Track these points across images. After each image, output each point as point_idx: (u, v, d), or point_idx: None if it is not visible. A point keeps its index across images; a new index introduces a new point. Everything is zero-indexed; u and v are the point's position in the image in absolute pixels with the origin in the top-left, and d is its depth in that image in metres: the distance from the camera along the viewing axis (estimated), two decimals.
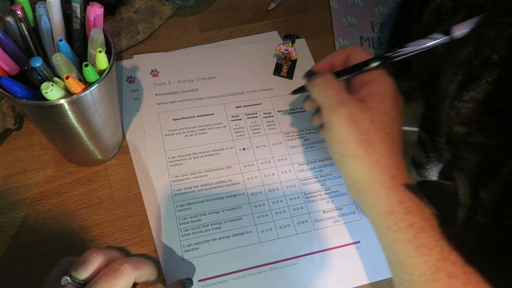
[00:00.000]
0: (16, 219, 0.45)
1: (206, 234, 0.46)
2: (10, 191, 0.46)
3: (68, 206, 0.46)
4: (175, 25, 0.62)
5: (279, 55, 0.59)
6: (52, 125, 0.40)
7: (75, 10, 0.38)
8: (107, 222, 0.46)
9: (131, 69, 0.57)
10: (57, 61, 0.34)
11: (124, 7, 0.59)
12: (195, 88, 0.56)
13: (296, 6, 0.68)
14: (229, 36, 0.62)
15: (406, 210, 0.32)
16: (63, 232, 0.44)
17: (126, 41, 0.58)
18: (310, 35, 0.64)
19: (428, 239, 0.31)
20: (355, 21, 0.66)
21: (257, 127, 0.54)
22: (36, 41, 0.39)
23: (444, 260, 0.30)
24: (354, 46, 0.41)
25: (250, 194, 0.49)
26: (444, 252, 0.30)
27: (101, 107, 0.40)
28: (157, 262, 0.44)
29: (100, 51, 0.37)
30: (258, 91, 0.57)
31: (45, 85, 0.34)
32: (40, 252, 0.43)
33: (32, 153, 0.49)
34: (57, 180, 0.47)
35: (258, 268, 0.45)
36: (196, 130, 0.53)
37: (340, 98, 0.35)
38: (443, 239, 0.31)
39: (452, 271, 0.30)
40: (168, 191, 0.48)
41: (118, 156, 0.50)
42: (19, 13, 0.36)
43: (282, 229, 0.47)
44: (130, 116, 0.53)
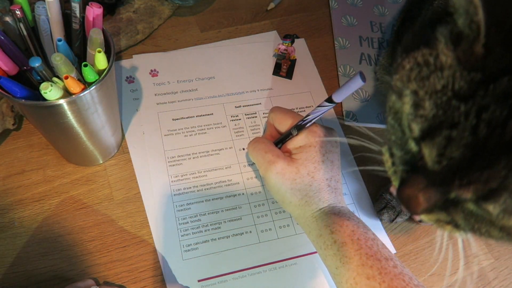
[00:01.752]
0: (16, 219, 0.45)
1: (206, 234, 0.46)
2: (10, 191, 0.46)
3: (68, 206, 0.46)
4: (174, 25, 0.62)
5: (279, 55, 0.59)
6: (51, 125, 0.40)
7: (74, 10, 0.38)
8: (106, 222, 0.45)
9: (131, 69, 0.57)
10: (56, 61, 0.34)
11: (124, 7, 0.59)
12: (195, 88, 0.56)
13: (295, 6, 0.68)
14: (228, 36, 0.62)
15: (331, 231, 0.38)
16: (63, 232, 0.44)
17: (125, 41, 0.58)
18: (310, 35, 0.64)
19: (349, 250, 0.37)
20: (355, 21, 0.66)
21: (257, 127, 0.54)
22: (35, 41, 0.39)
23: (363, 266, 0.36)
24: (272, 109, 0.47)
25: (250, 194, 0.49)
26: (362, 259, 0.36)
27: (100, 107, 0.40)
28: (156, 262, 0.44)
29: (99, 51, 0.37)
30: (257, 91, 0.57)
31: (44, 85, 0.34)
32: (40, 252, 0.43)
33: (32, 153, 0.49)
34: (56, 180, 0.47)
35: (257, 268, 0.45)
36: (195, 130, 0.53)
37: (267, 158, 0.42)
38: (362, 249, 0.36)
39: (370, 273, 0.35)
40: (168, 191, 0.48)
41: (118, 156, 0.50)
42: (18, 13, 0.36)
43: (281, 229, 0.47)
44: (130, 116, 0.53)
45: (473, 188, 0.22)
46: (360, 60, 0.62)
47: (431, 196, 0.24)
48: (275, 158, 0.41)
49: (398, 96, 0.27)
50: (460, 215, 0.25)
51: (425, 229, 0.50)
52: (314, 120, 0.41)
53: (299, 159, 0.41)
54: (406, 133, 0.27)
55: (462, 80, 0.22)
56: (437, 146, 0.23)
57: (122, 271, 0.43)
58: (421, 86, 0.24)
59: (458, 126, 0.22)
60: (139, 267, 0.44)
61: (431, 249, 0.48)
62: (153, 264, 0.44)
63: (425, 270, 0.47)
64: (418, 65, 0.25)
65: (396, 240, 0.49)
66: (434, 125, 0.23)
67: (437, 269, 0.47)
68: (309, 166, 0.41)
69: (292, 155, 0.42)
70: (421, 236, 0.49)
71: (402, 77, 0.26)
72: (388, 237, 0.49)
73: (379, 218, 0.50)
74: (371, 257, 0.36)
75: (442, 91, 0.23)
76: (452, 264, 0.46)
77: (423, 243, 0.49)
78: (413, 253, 0.48)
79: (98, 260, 0.43)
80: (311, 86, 0.59)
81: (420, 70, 0.25)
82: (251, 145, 0.44)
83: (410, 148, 0.27)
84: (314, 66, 0.61)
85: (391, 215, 0.49)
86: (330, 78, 0.60)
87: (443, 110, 0.23)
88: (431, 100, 0.23)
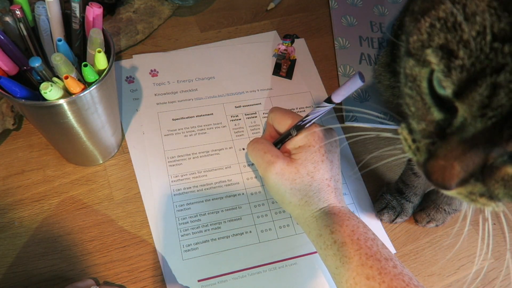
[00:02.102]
0: (16, 219, 0.45)
1: (206, 234, 0.46)
2: (10, 191, 0.46)
3: (68, 206, 0.46)
4: (174, 25, 0.62)
5: (279, 55, 0.59)
6: (51, 125, 0.40)
7: (74, 10, 0.38)
8: (106, 222, 0.45)
9: (131, 69, 0.57)
10: (56, 61, 0.34)
11: (123, 7, 0.59)
12: (195, 88, 0.56)
13: (295, 6, 0.68)
14: (228, 36, 0.62)
15: (330, 231, 0.38)
16: (63, 232, 0.44)
17: (125, 41, 0.58)
18: (310, 35, 0.64)
19: (349, 250, 0.37)
20: (355, 21, 0.66)
21: (257, 127, 0.54)
22: (35, 41, 0.39)
23: (363, 266, 0.36)
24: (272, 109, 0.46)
25: (250, 194, 0.49)
26: (362, 259, 0.36)
27: (100, 107, 0.40)
28: (156, 262, 0.44)
29: (99, 51, 0.37)
30: (257, 91, 0.57)
31: (44, 85, 0.34)
32: (40, 252, 0.43)
33: (31, 153, 0.49)
34: (56, 180, 0.47)
35: (257, 268, 0.45)
36: (195, 130, 0.53)
37: (267, 158, 0.42)
38: (362, 249, 0.36)
39: (369, 273, 0.35)
40: (168, 191, 0.48)
41: (118, 156, 0.50)
42: (18, 13, 0.36)
43: (281, 229, 0.47)
44: (130, 116, 0.53)
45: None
46: (360, 60, 0.62)
47: (469, 163, 0.22)
48: (274, 159, 0.41)
49: (417, 59, 0.24)
50: (500, 182, 0.23)
51: (425, 230, 0.50)
52: (313, 121, 0.41)
53: (298, 159, 0.41)
54: (427, 102, 0.25)
55: (502, 22, 0.20)
56: (480, 98, 0.21)
57: (122, 271, 0.43)
58: (452, 37, 0.22)
59: (505, 69, 0.20)
60: (139, 267, 0.44)
61: (431, 249, 0.48)
62: (153, 264, 0.44)
63: (425, 270, 0.47)
64: (440, 19, 0.23)
65: (396, 240, 0.49)
66: (475, 74, 0.21)
67: (437, 269, 0.47)
68: (309, 166, 0.41)
69: (291, 155, 0.42)
70: (421, 236, 0.49)
71: (422, 35, 0.24)
72: (388, 237, 0.49)
73: (379, 218, 0.50)
74: (370, 257, 0.36)
75: (478, 36, 0.21)
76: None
77: (423, 243, 0.49)
78: (413, 253, 0.48)
79: (98, 260, 0.43)
80: (311, 86, 0.59)
81: (446, 22, 0.23)
82: (250, 146, 0.44)
83: (433, 117, 0.25)
84: (314, 66, 0.61)
85: (391, 215, 0.49)
86: (330, 78, 0.60)
87: (484, 54, 0.20)
88: (467, 48, 0.21)
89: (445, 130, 0.24)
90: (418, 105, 0.26)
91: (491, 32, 0.20)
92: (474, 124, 0.22)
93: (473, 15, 0.21)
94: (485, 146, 0.22)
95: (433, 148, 0.25)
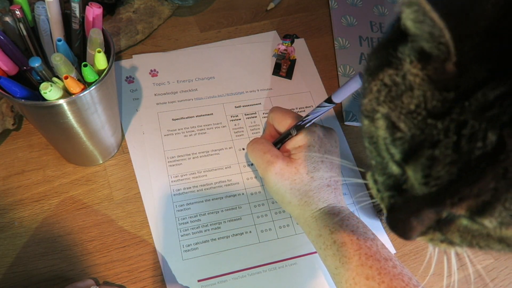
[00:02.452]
0: (16, 219, 0.45)
1: (206, 234, 0.46)
2: (10, 191, 0.46)
3: (67, 206, 0.46)
4: (174, 25, 0.62)
5: (278, 55, 0.59)
6: (51, 125, 0.40)
7: (74, 10, 0.38)
8: (106, 222, 0.45)
9: (130, 69, 0.57)
10: (56, 61, 0.34)
11: (123, 7, 0.59)
12: (194, 88, 0.56)
13: (295, 6, 0.68)
14: (228, 36, 0.62)
15: (330, 231, 0.38)
16: (63, 232, 0.44)
17: (125, 41, 0.58)
18: (309, 35, 0.64)
19: (348, 250, 0.37)
20: (354, 21, 0.66)
21: (257, 127, 0.54)
22: (35, 41, 0.39)
23: (362, 266, 0.36)
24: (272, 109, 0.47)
25: (250, 194, 0.49)
26: (361, 259, 0.36)
27: (100, 107, 0.40)
28: (156, 262, 0.44)
29: (99, 51, 0.37)
30: (257, 91, 0.57)
31: (44, 85, 0.34)
32: (40, 252, 0.43)
33: (31, 153, 0.49)
34: (56, 181, 0.47)
35: (257, 268, 0.45)
36: (195, 130, 0.53)
37: (266, 158, 0.42)
38: (361, 249, 0.36)
39: (369, 273, 0.35)
40: (168, 191, 0.48)
41: (118, 156, 0.50)
42: (17, 13, 0.36)
43: (281, 229, 0.47)
44: (129, 116, 0.53)
45: (466, 204, 0.21)
46: (360, 60, 0.62)
47: (424, 219, 0.23)
48: (274, 159, 0.41)
49: (370, 121, 0.25)
50: (456, 233, 0.24)
51: None
52: (313, 120, 0.40)
53: (298, 159, 0.41)
54: (385, 157, 0.25)
55: (434, 99, 0.21)
56: (422, 167, 0.22)
57: (122, 271, 0.43)
58: (393, 108, 0.23)
59: (439, 144, 0.21)
60: (139, 267, 0.44)
61: None
62: (153, 264, 0.44)
63: (425, 270, 0.47)
64: (386, 86, 0.24)
65: (396, 240, 0.49)
66: (415, 146, 0.22)
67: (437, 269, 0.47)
68: (309, 166, 0.41)
69: (291, 155, 0.42)
70: None
71: (371, 101, 0.25)
72: (388, 237, 0.49)
73: (379, 218, 0.50)
74: (370, 257, 0.36)
75: (415, 111, 0.22)
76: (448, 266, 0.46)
77: (423, 243, 0.49)
78: (413, 253, 0.48)
79: (98, 260, 0.43)
80: (311, 86, 0.59)
81: (389, 91, 0.24)
82: (250, 146, 0.44)
83: (392, 171, 0.26)
84: (314, 66, 0.61)
85: None
86: (330, 78, 0.60)
87: (420, 129, 0.22)
88: (406, 121, 0.22)
89: (402, 185, 0.25)
90: (377, 160, 0.27)
91: (425, 108, 0.21)
92: (420, 188, 0.23)
93: (411, 88, 0.22)
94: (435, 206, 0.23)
95: (393, 201, 0.26)
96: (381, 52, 0.25)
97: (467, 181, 0.20)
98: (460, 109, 0.20)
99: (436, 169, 0.21)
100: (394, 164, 0.25)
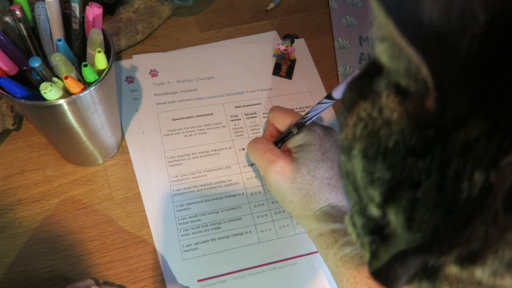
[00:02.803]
0: (16, 219, 0.45)
1: (206, 234, 0.46)
2: (10, 191, 0.46)
3: (67, 206, 0.46)
4: (174, 25, 0.62)
5: (278, 55, 0.59)
6: (51, 125, 0.40)
7: (74, 10, 0.38)
8: (106, 222, 0.45)
9: (130, 69, 0.57)
10: (56, 61, 0.34)
11: (123, 7, 0.59)
12: (194, 88, 0.56)
13: (295, 6, 0.68)
14: (228, 36, 0.62)
15: (331, 230, 0.38)
16: (63, 232, 0.44)
17: (125, 41, 0.58)
18: (309, 35, 0.64)
19: (350, 249, 0.36)
20: (354, 21, 0.66)
21: (257, 127, 0.54)
22: (35, 41, 0.39)
23: (363, 265, 0.35)
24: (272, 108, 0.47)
25: (250, 194, 0.49)
26: (362, 259, 0.35)
27: (100, 107, 0.40)
28: (156, 262, 0.44)
29: (99, 51, 0.37)
30: (257, 91, 0.57)
31: (44, 85, 0.34)
32: (40, 252, 0.43)
33: (31, 153, 0.49)
34: (56, 181, 0.47)
35: (257, 268, 0.45)
36: (195, 130, 0.53)
37: (267, 157, 0.41)
38: None
39: None
40: (168, 191, 0.48)
41: (117, 156, 0.50)
42: (18, 13, 0.36)
43: (281, 229, 0.47)
44: (129, 116, 0.53)
45: (455, 252, 0.19)
46: (360, 60, 0.62)
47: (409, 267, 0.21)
48: (275, 158, 0.41)
49: (347, 157, 0.23)
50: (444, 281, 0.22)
51: None
52: (314, 118, 0.40)
53: (299, 158, 0.41)
54: (363, 198, 0.23)
55: (414, 137, 0.19)
56: (403, 210, 0.20)
57: (122, 271, 0.43)
58: (370, 145, 0.21)
59: (421, 185, 0.19)
60: (139, 267, 0.44)
61: None
62: (153, 264, 0.44)
63: None
64: (361, 120, 0.22)
65: None
66: (395, 187, 0.20)
67: None
68: (310, 165, 0.41)
69: (292, 154, 0.42)
70: None
71: (348, 135, 0.23)
72: None
73: None
74: None
75: (394, 148, 0.20)
76: None
77: None
78: None
79: (98, 260, 0.43)
80: (311, 86, 0.59)
81: (366, 125, 0.21)
82: (250, 146, 0.44)
83: (371, 213, 0.23)
84: (314, 66, 0.61)
85: None
86: (330, 78, 0.60)
87: (400, 169, 0.20)
88: (385, 160, 0.20)
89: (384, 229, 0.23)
90: (355, 199, 0.24)
91: (405, 146, 0.19)
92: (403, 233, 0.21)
93: (388, 123, 0.20)
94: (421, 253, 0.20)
95: (374, 247, 0.24)
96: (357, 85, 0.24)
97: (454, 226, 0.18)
98: (442, 147, 0.18)
99: (419, 212, 0.19)
100: (373, 205, 0.22)
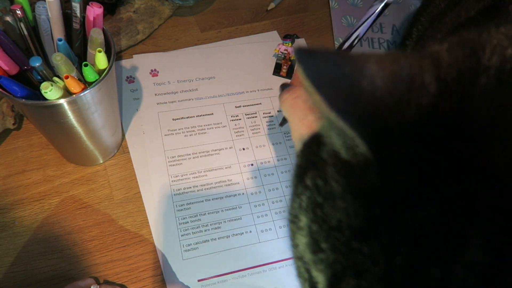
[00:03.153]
0: (16, 218, 0.45)
1: (206, 234, 0.46)
2: (10, 191, 0.46)
3: (68, 206, 0.46)
4: (174, 25, 0.62)
5: (279, 55, 0.59)
6: (52, 124, 0.40)
7: (74, 10, 0.38)
8: (106, 222, 0.46)
9: (131, 69, 0.57)
10: (56, 61, 0.34)
11: (124, 7, 0.59)
12: (195, 88, 0.56)
13: (295, 6, 0.68)
14: (228, 36, 0.62)
15: None
16: (63, 232, 0.45)
17: (125, 41, 0.58)
18: (310, 35, 0.64)
19: None
20: (355, 21, 0.66)
21: (257, 127, 0.54)
22: (35, 41, 0.39)
23: None
24: None
25: (250, 194, 0.49)
26: None
27: (100, 107, 0.40)
28: (156, 262, 0.44)
29: (100, 51, 0.37)
30: (257, 91, 0.57)
31: (45, 85, 0.34)
32: (40, 252, 0.43)
33: (32, 153, 0.49)
34: (56, 180, 0.47)
35: (257, 268, 0.45)
36: (195, 130, 0.53)
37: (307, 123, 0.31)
38: None
39: None
40: (168, 191, 0.48)
41: (118, 156, 0.50)
42: (18, 13, 0.36)
43: (281, 229, 0.47)
44: (130, 116, 0.53)
45: None
46: None
47: None
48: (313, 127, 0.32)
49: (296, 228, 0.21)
50: None
51: None
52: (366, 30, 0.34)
53: None
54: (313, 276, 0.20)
55: (358, 217, 0.17)
56: None
57: (122, 270, 0.43)
58: (314, 219, 0.19)
59: (366, 274, 0.17)
60: (139, 267, 0.44)
61: None
62: (153, 264, 0.44)
63: None
64: (307, 189, 0.20)
65: None
66: (339, 273, 0.18)
67: None
68: None
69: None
70: None
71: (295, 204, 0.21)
72: None
73: None
74: None
75: (338, 228, 0.17)
76: None
77: None
78: None
79: (98, 260, 0.43)
80: None
81: (311, 196, 0.19)
82: (289, 100, 0.33)
83: None
84: None
85: None
86: None
87: (343, 253, 0.17)
88: (328, 240, 0.18)
89: None
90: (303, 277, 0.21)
91: (349, 227, 0.17)
92: None
93: (333, 197, 0.18)
94: None
95: None
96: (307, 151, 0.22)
97: None
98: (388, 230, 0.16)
99: None
100: None
